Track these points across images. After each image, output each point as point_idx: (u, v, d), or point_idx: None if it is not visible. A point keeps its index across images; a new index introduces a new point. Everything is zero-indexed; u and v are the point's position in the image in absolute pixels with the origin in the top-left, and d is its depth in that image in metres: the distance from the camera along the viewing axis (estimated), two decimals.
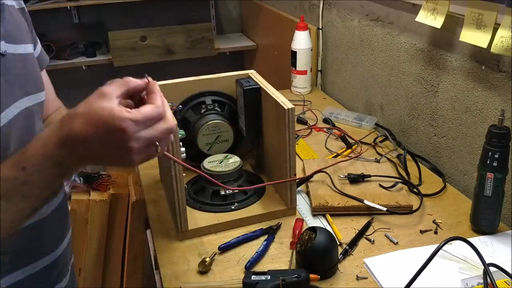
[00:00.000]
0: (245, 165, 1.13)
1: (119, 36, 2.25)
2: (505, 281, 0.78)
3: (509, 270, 0.80)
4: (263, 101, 1.05)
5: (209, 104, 1.12)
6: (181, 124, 1.08)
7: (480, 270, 0.79)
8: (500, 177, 0.87)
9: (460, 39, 1.01)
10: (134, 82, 0.61)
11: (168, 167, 0.91)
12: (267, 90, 1.02)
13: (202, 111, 1.11)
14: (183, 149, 0.91)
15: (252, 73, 1.11)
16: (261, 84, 1.05)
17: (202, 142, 1.10)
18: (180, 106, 1.09)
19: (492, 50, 0.93)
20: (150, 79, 0.63)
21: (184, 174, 0.91)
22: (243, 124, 1.09)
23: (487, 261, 0.81)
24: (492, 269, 0.77)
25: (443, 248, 0.86)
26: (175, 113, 1.00)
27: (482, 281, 0.77)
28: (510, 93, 0.95)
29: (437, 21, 1.07)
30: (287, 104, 0.93)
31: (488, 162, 0.87)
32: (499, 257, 0.86)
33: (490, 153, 0.86)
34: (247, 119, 1.07)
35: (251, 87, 1.05)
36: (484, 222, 0.92)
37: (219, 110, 1.13)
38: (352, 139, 1.33)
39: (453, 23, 1.06)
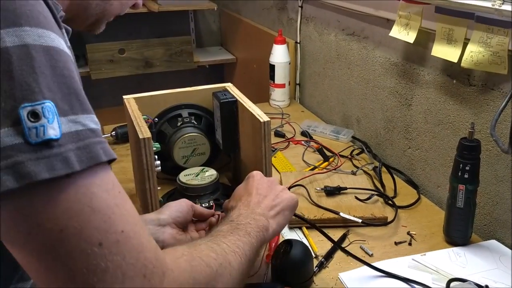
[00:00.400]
0: (222, 178, 1.13)
1: (97, 49, 2.24)
2: None
3: (480, 282, 0.81)
4: (240, 114, 1.05)
5: (186, 117, 1.12)
6: (156, 137, 1.07)
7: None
8: (471, 188, 0.89)
9: (432, 53, 1.04)
10: None
11: (142, 181, 0.90)
12: (243, 103, 1.02)
13: (179, 124, 1.11)
14: (158, 162, 0.90)
15: (229, 86, 1.12)
16: (237, 97, 1.05)
17: (178, 155, 1.09)
18: (156, 119, 1.09)
19: (462, 64, 0.95)
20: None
21: (159, 188, 0.91)
22: (220, 137, 1.09)
23: (460, 273, 0.84)
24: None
25: (417, 259, 0.88)
26: (150, 126, 1.00)
27: None
28: (480, 107, 0.97)
29: (410, 36, 1.10)
30: (263, 117, 0.94)
31: (459, 174, 0.88)
32: (472, 268, 0.87)
33: (461, 165, 0.88)
34: (224, 132, 1.07)
35: (227, 100, 1.05)
36: (457, 233, 0.93)
37: (196, 123, 1.13)
38: (330, 151, 1.34)
39: (425, 38, 1.09)
